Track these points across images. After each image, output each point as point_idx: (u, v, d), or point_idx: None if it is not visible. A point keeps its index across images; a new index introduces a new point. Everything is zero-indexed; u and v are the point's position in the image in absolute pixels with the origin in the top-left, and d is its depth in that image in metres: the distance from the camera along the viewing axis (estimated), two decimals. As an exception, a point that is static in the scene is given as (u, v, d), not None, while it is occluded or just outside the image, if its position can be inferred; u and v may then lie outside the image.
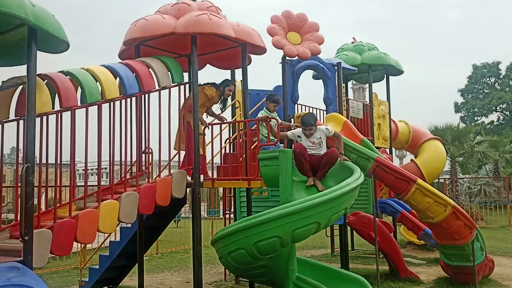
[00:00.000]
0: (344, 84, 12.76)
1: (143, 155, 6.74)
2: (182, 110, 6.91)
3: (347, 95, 12.51)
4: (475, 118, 44.36)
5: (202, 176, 6.75)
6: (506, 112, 43.35)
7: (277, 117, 6.95)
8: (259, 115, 7.10)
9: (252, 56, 7.78)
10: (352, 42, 11.97)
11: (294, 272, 5.67)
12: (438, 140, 13.22)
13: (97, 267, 7.86)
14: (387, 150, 11.77)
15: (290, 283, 5.60)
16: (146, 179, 6.22)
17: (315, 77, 11.86)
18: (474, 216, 18.64)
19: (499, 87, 44.48)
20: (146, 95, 6.24)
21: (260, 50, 7.43)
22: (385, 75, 12.11)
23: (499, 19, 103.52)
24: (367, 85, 14.62)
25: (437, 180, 23.24)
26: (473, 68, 45.67)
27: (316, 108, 9.42)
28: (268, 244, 5.04)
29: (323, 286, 5.45)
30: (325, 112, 9.07)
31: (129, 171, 6.66)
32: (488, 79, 45.58)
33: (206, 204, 18.74)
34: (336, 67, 8.99)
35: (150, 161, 6.77)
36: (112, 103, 5.68)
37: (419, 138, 13.12)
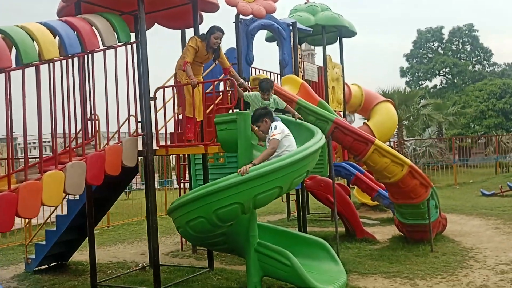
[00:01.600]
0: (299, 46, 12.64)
1: (89, 122, 6.26)
2: (176, 70, 6.57)
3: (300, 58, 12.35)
4: (420, 83, 45.57)
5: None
6: (449, 76, 44.78)
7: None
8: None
9: (204, 14, 7.35)
10: (305, 3, 11.65)
11: (255, 238, 5.47)
12: (390, 102, 13.34)
13: (44, 243, 7.40)
14: (341, 113, 11.73)
15: (251, 249, 5.40)
16: (94, 148, 5.78)
17: (268, 40, 11.54)
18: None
19: (442, 52, 45.70)
20: (90, 55, 5.71)
21: (212, 7, 7.02)
22: (338, 37, 11.96)
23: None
24: (316, 50, 14.58)
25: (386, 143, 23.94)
26: (417, 33, 46.55)
27: (271, 72, 9.14)
28: (228, 211, 4.79)
29: (284, 250, 5.30)
30: (279, 76, 8.79)
31: (74, 140, 6.16)
32: (432, 43, 46.67)
33: (158, 174, 18.24)
34: (291, 27, 8.67)
35: (97, 128, 6.31)
36: (51, 64, 5.14)
37: (371, 101, 13.18)
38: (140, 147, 6.27)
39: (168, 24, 7.70)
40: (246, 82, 7.87)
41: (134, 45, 6.25)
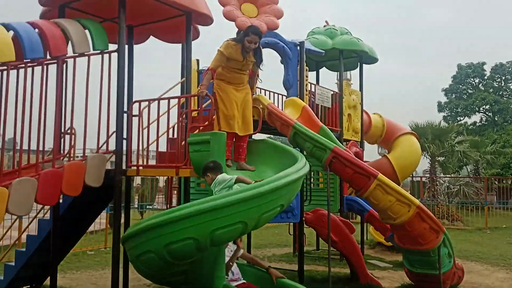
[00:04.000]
0: (314, 71, 11.97)
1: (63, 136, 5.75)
2: None
3: (317, 83, 11.65)
4: (458, 118, 43.82)
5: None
6: (489, 113, 42.90)
7: None
8: None
9: (205, 30, 6.85)
10: (324, 26, 11.03)
11: (222, 280, 4.72)
12: (413, 135, 12.39)
13: (13, 263, 6.84)
14: (358, 143, 10.91)
15: (216, 293, 4.67)
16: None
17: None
18: (452, 216, 18.00)
19: (483, 88, 43.98)
20: (58, 62, 5.20)
21: (206, 19, 6.48)
22: (358, 63, 11.25)
23: (485, 20, 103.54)
24: (352, 80, 13.83)
25: (413, 179, 22.64)
26: (458, 68, 45.09)
27: (275, 92, 8.50)
28: (181, 246, 4.07)
29: None
30: (284, 97, 8.13)
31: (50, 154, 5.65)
32: (472, 79, 45.05)
33: (137, 196, 17.82)
34: (298, 47, 8.01)
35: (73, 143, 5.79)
36: (6, 69, 4.65)
37: (393, 132, 12.27)
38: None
39: (164, 37, 7.22)
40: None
41: (113, 54, 5.73)
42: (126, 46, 6.99)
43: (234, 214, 4.06)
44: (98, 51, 5.50)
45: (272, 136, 9.71)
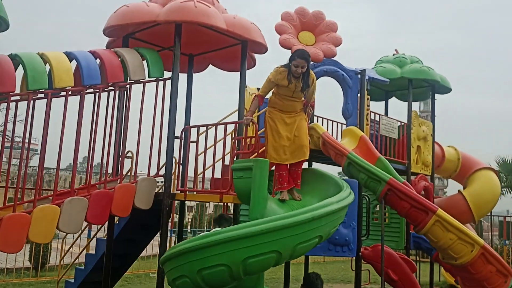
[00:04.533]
0: (383, 101, 11.59)
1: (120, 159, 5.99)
2: None
3: (386, 113, 11.26)
4: (555, 154, 40.33)
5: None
6: None
7: None
8: None
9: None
10: (394, 54, 10.70)
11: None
12: (492, 170, 11.52)
13: (73, 280, 7.14)
14: (429, 177, 10.32)
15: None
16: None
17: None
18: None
19: None
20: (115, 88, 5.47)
21: (261, 48, 6.53)
22: (430, 93, 10.75)
23: None
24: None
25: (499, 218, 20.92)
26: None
27: (335, 121, 8.31)
28: (214, 273, 4.00)
29: None
30: (344, 126, 7.92)
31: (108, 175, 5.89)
32: None
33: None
34: (359, 75, 7.82)
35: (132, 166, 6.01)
36: (67, 94, 4.96)
37: (470, 167, 11.47)
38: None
39: (222, 66, 7.38)
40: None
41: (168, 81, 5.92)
42: (186, 75, 7.31)
43: (267, 243, 3.94)
44: (153, 79, 5.71)
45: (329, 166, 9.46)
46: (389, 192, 5.94)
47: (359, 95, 7.80)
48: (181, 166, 6.41)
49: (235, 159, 5.34)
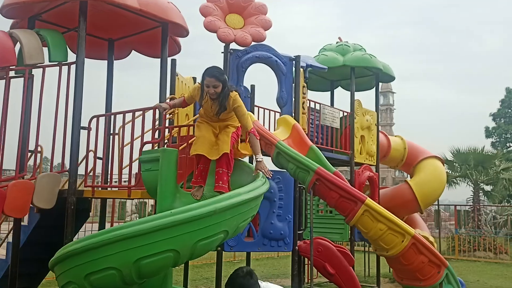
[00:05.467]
0: (329, 92, 11.34)
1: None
2: None
3: (332, 104, 11.00)
4: (508, 144, 41.46)
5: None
6: (541, 139, 40.42)
7: None
8: None
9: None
10: (337, 42, 10.42)
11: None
12: (438, 159, 11.44)
13: None
14: (373, 167, 10.11)
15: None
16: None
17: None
18: (497, 249, 16.59)
19: (534, 112, 41.63)
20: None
21: (181, 30, 6.07)
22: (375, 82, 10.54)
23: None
24: (395, 105, 13.05)
25: (456, 207, 21.14)
26: (506, 91, 42.93)
27: (272, 110, 7.96)
28: (103, 278, 3.54)
29: None
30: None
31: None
32: (522, 103, 42.77)
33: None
34: (294, 62, 7.46)
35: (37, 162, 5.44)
36: None
37: (416, 156, 11.36)
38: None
39: (145, 51, 6.90)
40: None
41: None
42: (106, 61, 6.79)
43: (162, 241, 3.50)
44: (55, 63, 5.16)
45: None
46: (318, 182, 5.62)
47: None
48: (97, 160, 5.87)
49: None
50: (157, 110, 4.98)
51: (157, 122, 5.34)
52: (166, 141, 5.58)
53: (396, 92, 56.86)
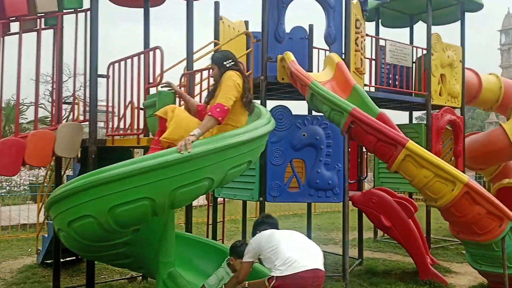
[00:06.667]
0: (408, 28, 10.15)
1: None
2: None
3: (411, 41, 9.85)
4: None
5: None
6: None
7: None
8: None
9: None
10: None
11: (167, 267, 3.96)
12: (541, 98, 9.85)
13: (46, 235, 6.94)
14: (458, 110, 8.98)
15: (160, 282, 3.94)
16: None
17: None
18: None
19: None
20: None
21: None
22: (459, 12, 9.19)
23: None
24: None
25: None
26: None
27: (322, 49, 7.26)
28: (83, 225, 3.40)
29: None
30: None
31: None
32: None
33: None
34: (343, -7, 6.63)
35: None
36: None
37: (514, 96, 9.93)
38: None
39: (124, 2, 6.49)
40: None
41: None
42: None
43: (135, 188, 3.25)
44: (71, 10, 5.06)
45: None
46: (353, 125, 4.98)
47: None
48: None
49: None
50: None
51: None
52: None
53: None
